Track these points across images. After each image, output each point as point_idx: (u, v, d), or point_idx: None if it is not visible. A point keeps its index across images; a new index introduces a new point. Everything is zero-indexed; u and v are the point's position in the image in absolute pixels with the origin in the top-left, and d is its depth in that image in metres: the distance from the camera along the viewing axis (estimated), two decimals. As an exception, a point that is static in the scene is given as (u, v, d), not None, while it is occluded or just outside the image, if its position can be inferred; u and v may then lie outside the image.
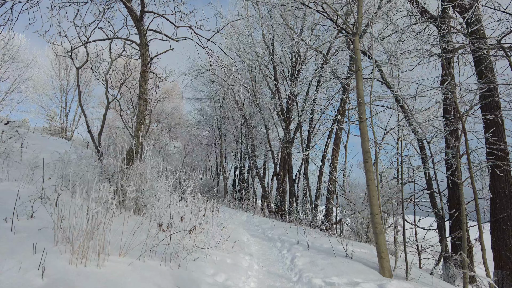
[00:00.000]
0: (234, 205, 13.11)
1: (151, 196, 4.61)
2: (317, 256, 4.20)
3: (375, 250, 5.57)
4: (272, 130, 16.04)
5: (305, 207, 11.65)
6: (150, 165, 4.71)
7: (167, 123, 22.57)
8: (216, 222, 6.02)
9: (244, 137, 16.08)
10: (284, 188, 13.56)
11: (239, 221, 8.55)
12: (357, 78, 4.27)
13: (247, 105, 15.56)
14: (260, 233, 6.57)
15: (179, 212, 5.38)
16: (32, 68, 20.72)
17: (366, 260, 4.26)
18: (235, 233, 5.48)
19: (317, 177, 12.18)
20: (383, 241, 3.80)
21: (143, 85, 5.17)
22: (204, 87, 17.36)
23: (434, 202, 7.04)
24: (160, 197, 4.96)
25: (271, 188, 16.60)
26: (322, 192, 11.14)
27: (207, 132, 20.09)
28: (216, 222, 6.02)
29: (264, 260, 4.26)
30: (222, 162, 17.72)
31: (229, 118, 15.98)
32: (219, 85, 15.40)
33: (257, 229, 7.24)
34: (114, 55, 9.17)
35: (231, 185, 21.30)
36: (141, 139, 5.05)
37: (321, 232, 6.74)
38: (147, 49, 5.24)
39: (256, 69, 13.91)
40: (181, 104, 23.92)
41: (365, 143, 4.05)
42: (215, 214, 7.29)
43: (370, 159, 4.01)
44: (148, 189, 4.62)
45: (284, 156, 13.66)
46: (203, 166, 27.34)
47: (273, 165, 15.60)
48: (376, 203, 3.89)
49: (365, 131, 4.09)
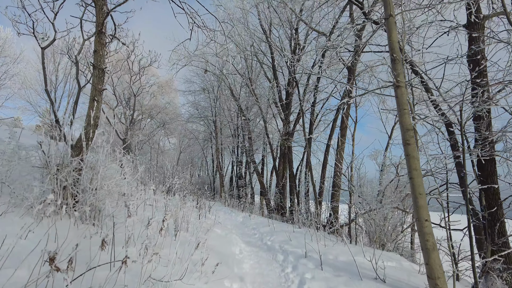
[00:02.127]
0: (230, 203, 11.80)
1: (105, 198, 3.29)
2: (335, 280, 2.90)
3: (404, 262, 4.31)
4: (270, 123, 14.70)
5: (308, 205, 10.36)
6: (104, 156, 3.37)
7: (161, 118, 21.17)
8: (202, 228, 4.71)
9: (241, 130, 14.74)
10: (284, 184, 12.26)
11: (234, 223, 7.24)
12: (388, 27, 2.93)
13: (244, 97, 14.20)
14: (257, 240, 5.26)
15: (152, 216, 4.07)
16: (19, 63, 19.35)
17: (406, 284, 2.96)
18: (224, 243, 4.17)
19: (320, 171, 10.90)
20: (438, 262, 2.49)
21: (98, 50, 3.81)
22: (197, 78, 15.98)
23: (466, 197, 5.74)
24: (122, 199, 3.67)
25: (270, 185, 15.30)
26: (326, 189, 9.85)
27: (202, 126, 18.72)
28: (202, 228, 4.71)
29: (260, 286, 2.96)
30: (218, 158, 16.37)
31: (224, 110, 14.62)
32: (213, 75, 14.03)
33: (253, 233, 5.93)
34: (88, 35, 7.83)
35: (228, 182, 19.98)
36: (96, 122, 3.72)
37: (331, 237, 5.44)
38: (104, 3, 3.88)
39: (252, 57, 12.52)
40: (176, 98, 22.51)
41: (405, 117, 2.73)
42: (204, 215, 6.00)
43: (413, 139, 2.69)
44: (101, 188, 3.30)
45: (283, 150, 12.34)
46: (199, 162, 25.99)
47: (272, 160, 14.29)
48: (424, 204, 2.59)
49: (403, 99, 2.77)
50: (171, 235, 3.80)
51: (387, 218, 5.99)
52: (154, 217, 3.86)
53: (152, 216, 3.91)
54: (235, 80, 14.08)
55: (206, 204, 7.66)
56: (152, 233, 2.19)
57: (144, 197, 4.93)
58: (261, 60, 12.49)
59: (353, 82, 9.71)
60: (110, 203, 3.38)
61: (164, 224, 2.05)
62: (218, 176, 17.51)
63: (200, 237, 4.12)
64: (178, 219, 4.19)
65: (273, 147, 13.79)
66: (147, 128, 20.62)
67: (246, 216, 8.02)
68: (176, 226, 3.89)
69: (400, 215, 6.23)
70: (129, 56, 9.33)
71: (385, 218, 5.91)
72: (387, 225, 5.82)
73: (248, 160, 15.01)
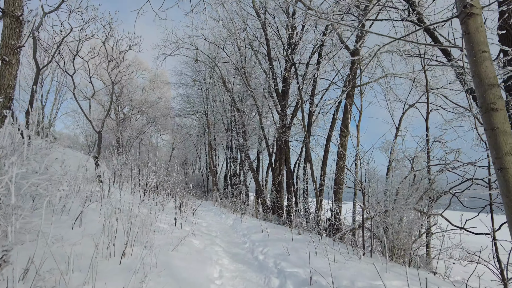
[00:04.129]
0: (221, 203, 10.62)
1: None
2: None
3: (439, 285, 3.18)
4: (266, 117, 13.52)
5: (307, 204, 9.22)
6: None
7: (152, 114, 19.89)
8: (174, 239, 3.54)
9: (235, 124, 13.55)
10: (280, 182, 11.11)
11: (222, 227, 6.08)
12: None
13: (237, 88, 13.00)
14: (247, 251, 4.10)
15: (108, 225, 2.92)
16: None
17: None
18: (198, 263, 3.00)
19: (320, 167, 9.75)
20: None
21: (12, -10, 2.61)
22: (188, 70, 14.73)
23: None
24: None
25: (266, 182, 14.15)
26: (327, 187, 8.71)
27: (194, 121, 17.47)
28: (174, 239, 3.54)
29: None
30: (211, 154, 15.16)
31: (216, 102, 13.40)
32: (205, 65, 12.80)
33: (243, 241, 4.77)
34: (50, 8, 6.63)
35: (223, 180, 18.78)
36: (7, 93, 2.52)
37: (339, 246, 4.30)
38: None
39: (246, 44, 11.30)
40: (168, 93, 21.22)
41: (485, 64, 1.57)
42: (185, 219, 4.79)
43: (501, 101, 1.53)
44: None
45: (280, 145, 11.19)
46: (194, 160, 24.75)
47: (267, 157, 13.12)
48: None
49: (481, 36, 1.61)
50: (120, 253, 2.62)
51: (402, 221, 4.88)
52: (110, 226, 2.68)
53: (107, 225, 2.73)
54: (227, 71, 12.87)
55: (190, 205, 6.48)
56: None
57: (103, 199, 3.74)
58: (256, 48, 11.29)
59: (358, 68, 8.58)
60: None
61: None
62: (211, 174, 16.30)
63: (167, 254, 2.95)
64: (136, 229, 3.01)
65: (268, 143, 12.64)
66: (137, 123, 19.34)
67: (237, 219, 6.86)
68: (129, 241, 2.71)
69: (415, 217, 5.11)
70: (106, 38, 8.09)
71: (401, 221, 4.80)
72: (403, 230, 4.70)
73: (242, 155, 13.84)
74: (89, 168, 6.65)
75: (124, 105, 19.82)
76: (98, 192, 4.40)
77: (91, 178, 6.41)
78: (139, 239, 2.95)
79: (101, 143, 7.84)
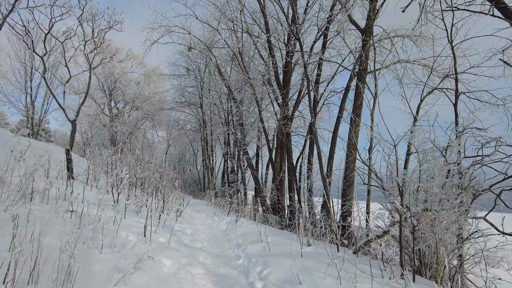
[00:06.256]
0: (216, 202, 9.40)
1: None
2: None
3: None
4: (266, 110, 12.30)
5: (312, 204, 8.02)
6: None
7: (147, 109, 18.64)
8: (130, 259, 2.34)
9: (232, 117, 12.33)
10: (282, 179, 9.89)
11: (212, 233, 4.87)
12: None
13: (234, 77, 11.78)
14: (240, 272, 2.90)
15: None
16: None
17: None
18: None
19: (326, 162, 8.55)
20: None
21: None
22: (182, 59, 13.49)
23: None
24: None
25: (266, 180, 12.93)
26: (335, 184, 7.51)
27: (189, 115, 16.24)
28: (130, 259, 2.34)
29: None
30: (207, 149, 13.95)
31: (211, 92, 12.17)
32: (199, 52, 11.56)
33: (236, 255, 3.57)
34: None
35: (221, 177, 17.56)
36: None
37: (363, 264, 3.08)
38: None
39: (243, 28, 10.05)
40: (164, 87, 19.97)
41: None
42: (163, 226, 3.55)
43: None
44: None
45: (281, 139, 9.97)
46: (191, 157, 23.52)
47: (267, 152, 11.89)
48: None
49: None
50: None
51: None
52: None
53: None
54: (223, 59, 11.65)
55: (174, 207, 5.27)
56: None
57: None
58: (252, 31, 10.05)
59: (370, 48, 7.35)
60: None
61: None
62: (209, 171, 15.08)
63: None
64: (73, 245, 1.80)
65: (268, 137, 11.42)
66: (131, 119, 18.12)
67: (232, 222, 5.64)
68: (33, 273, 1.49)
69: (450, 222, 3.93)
70: (82, 14, 6.88)
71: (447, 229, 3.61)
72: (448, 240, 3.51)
73: (239, 151, 12.62)
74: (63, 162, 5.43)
75: (118, 100, 18.59)
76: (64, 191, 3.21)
77: (63, 174, 5.21)
78: (57, 266, 1.74)
79: (75, 134, 6.63)
